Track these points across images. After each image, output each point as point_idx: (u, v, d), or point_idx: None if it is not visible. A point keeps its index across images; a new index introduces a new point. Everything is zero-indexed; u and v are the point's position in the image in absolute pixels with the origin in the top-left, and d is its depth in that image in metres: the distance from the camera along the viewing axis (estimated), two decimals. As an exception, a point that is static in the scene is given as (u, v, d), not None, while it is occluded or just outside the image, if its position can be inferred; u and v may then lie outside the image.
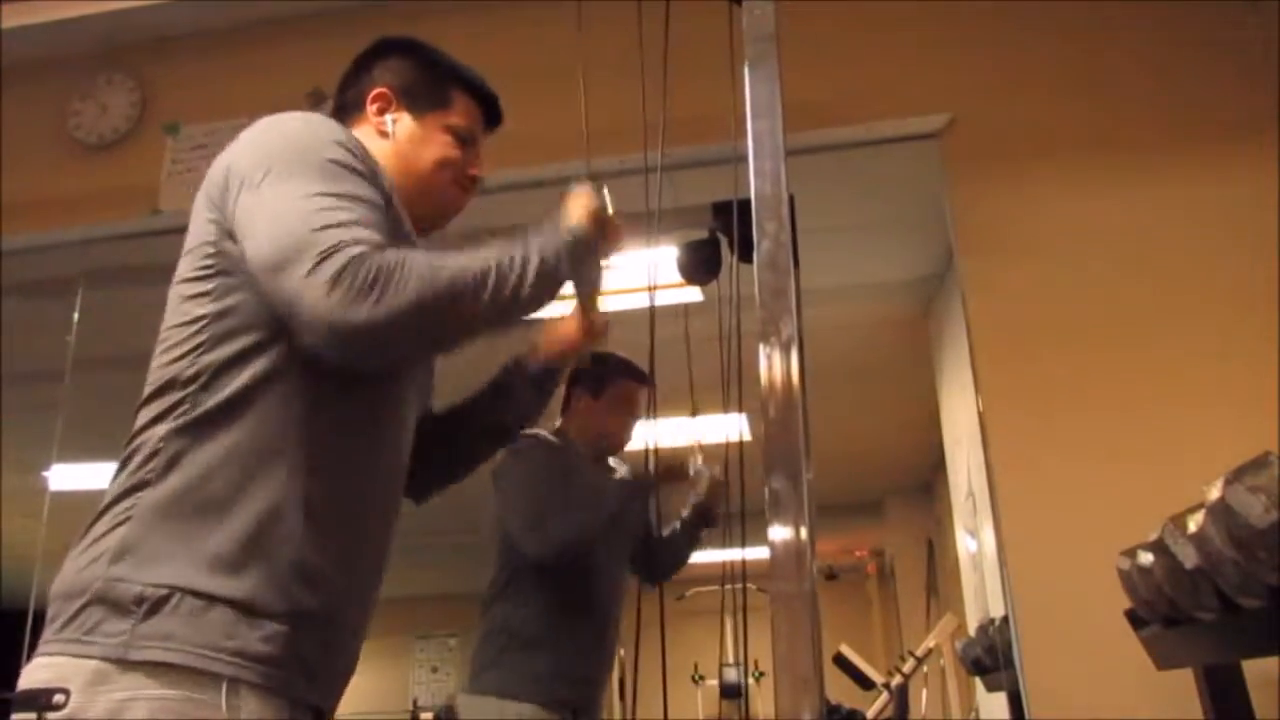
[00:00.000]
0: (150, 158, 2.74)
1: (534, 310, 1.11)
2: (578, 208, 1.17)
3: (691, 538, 2.38)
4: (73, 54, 2.89)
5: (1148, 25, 2.36)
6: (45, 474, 2.85)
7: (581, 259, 1.16)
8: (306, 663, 1.01)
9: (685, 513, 2.38)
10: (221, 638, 0.94)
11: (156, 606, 0.94)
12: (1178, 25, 2.35)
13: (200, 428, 1.02)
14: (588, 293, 1.28)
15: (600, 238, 1.19)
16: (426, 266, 1.00)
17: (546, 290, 1.11)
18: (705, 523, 2.37)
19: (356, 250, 0.97)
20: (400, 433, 1.18)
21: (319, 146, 1.07)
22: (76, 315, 2.79)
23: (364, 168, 1.09)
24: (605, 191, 1.20)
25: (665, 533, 2.38)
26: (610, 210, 1.20)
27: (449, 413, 1.37)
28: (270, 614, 0.98)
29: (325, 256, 0.96)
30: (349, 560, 1.07)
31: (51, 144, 2.86)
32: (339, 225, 0.99)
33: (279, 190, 1.03)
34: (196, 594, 0.95)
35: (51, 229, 2.78)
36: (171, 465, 1.01)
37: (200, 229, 1.10)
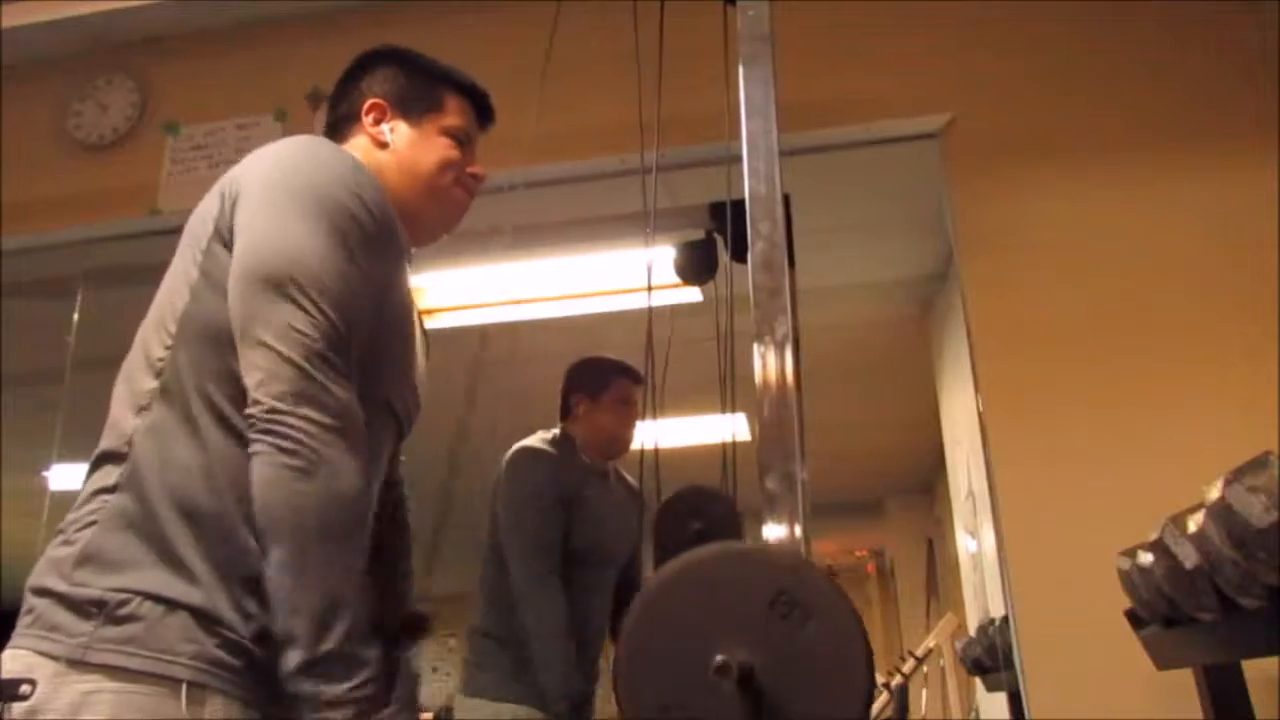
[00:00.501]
0: (150, 158, 2.74)
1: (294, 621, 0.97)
2: None
3: None
4: (73, 54, 2.90)
5: (1148, 25, 2.36)
6: (45, 474, 2.86)
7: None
8: (268, 672, 0.99)
9: None
10: (181, 642, 0.95)
11: (116, 610, 0.95)
12: (1178, 25, 2.34)
13: (168, 433, 1.02)
14: None
15: None
16: (360, 483, 0.98)
17: (304, 659, 0.94)
18: None
19: (344, 379, 0.99)
20: (370, 457, 1.14)
21: (345, 193, 1.07)
22: (76, 315, 2.79)
23: (375, 225, 1.09)
24: None
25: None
26: None
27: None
28: (229, 624, 0.98)
29: (320, 334, 0.98)
30: None
31: (51, 144, 2.86)
32: (344, 320, 1.00)
33: (294, 214, 1.04)
34: (157, 599, 0.96)
35: (51, 229, 2.78)
36: (138, 472, 1.01)
37: (201, 224, 1.11)
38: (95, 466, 1.05)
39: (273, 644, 0.98)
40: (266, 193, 1.06)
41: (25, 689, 0.92)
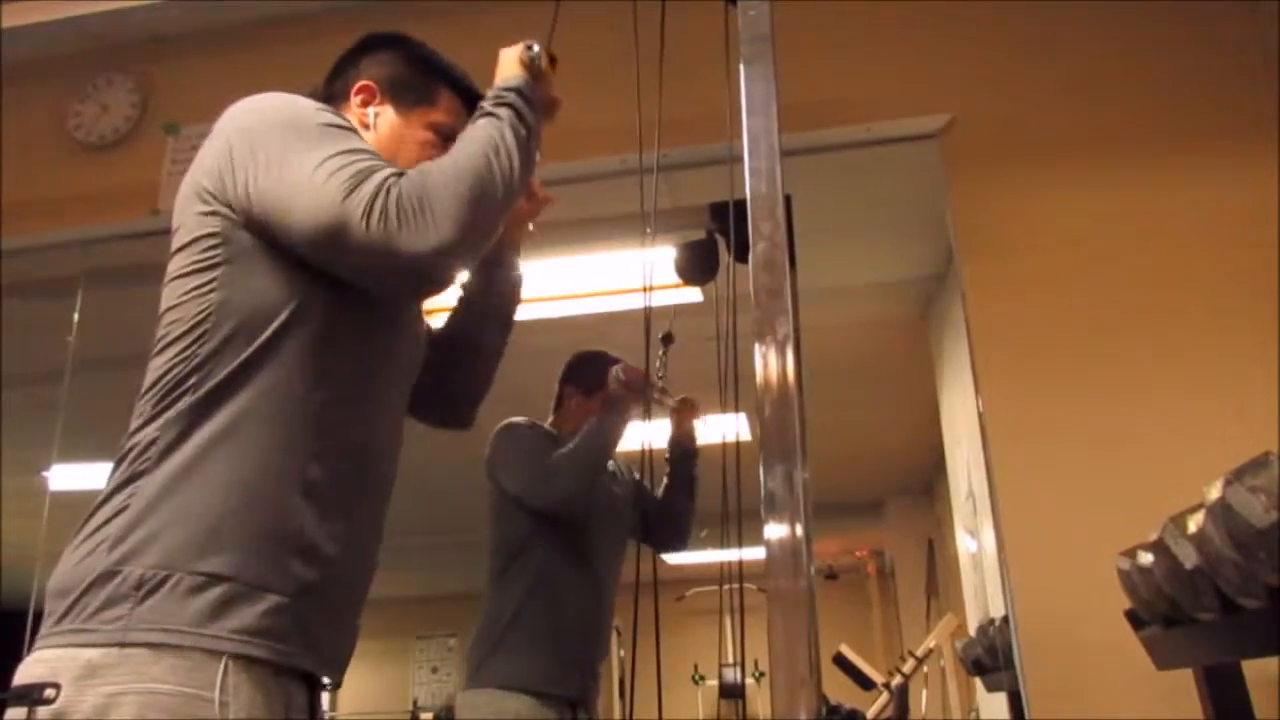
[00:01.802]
0: (150, 158, 2.75)
1: (529, 172, 1.19)
2: (510, 62, 1.24)
3: (685, 481, 2.36)
4: (73, 54, 2.90)
5: (1148, 25, 2.36)
6: (45, 474, 2.85)
7: (534, 107, 1.22)
8: (309, 634, 1.02)
9: (666, 454, 2.38)
10: (220, 615, 0.96)
11: (155, 589, 0.95)
12: (1178, 25, 2.34)
13: (196, 412, 1.03)
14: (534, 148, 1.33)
15: (537, 82, 1.24)
16: (450, 177, 1.07)
17: (532, 148, 1.19)
18: (687, 454, 2.36)
19: (394, 185, 1.03)
20: (396, 408, 1.21)
21: (309, 114, 1.12)
22: (76, 315, 2.79)
23: (350, 127, 1.14)
24: (534, 45, 1.26)
25: (660, 495, 2.38)
26: (538, 53, 1.26)
27: (446, 329, 1.43)
28: (270, 588, 0.99)
29: (372, 204, 1.01)
30: (347, 533, 1.09)
31: (51, 144, 2.87)
32: (366, 174, 1.03)
33: (295, 165, 1.05)
34: (194, 574, 0.96)
35: (51, 229, 2.78)
36: (168, 451, 1.02)
37: (194, 223, 1.11)
38: (122, 459, 1.05)
39: (318, 594, 1.03)
40: (258, 162, 1.07)
41: (49, 693, 0.91)
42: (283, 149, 1.07)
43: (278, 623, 0.99)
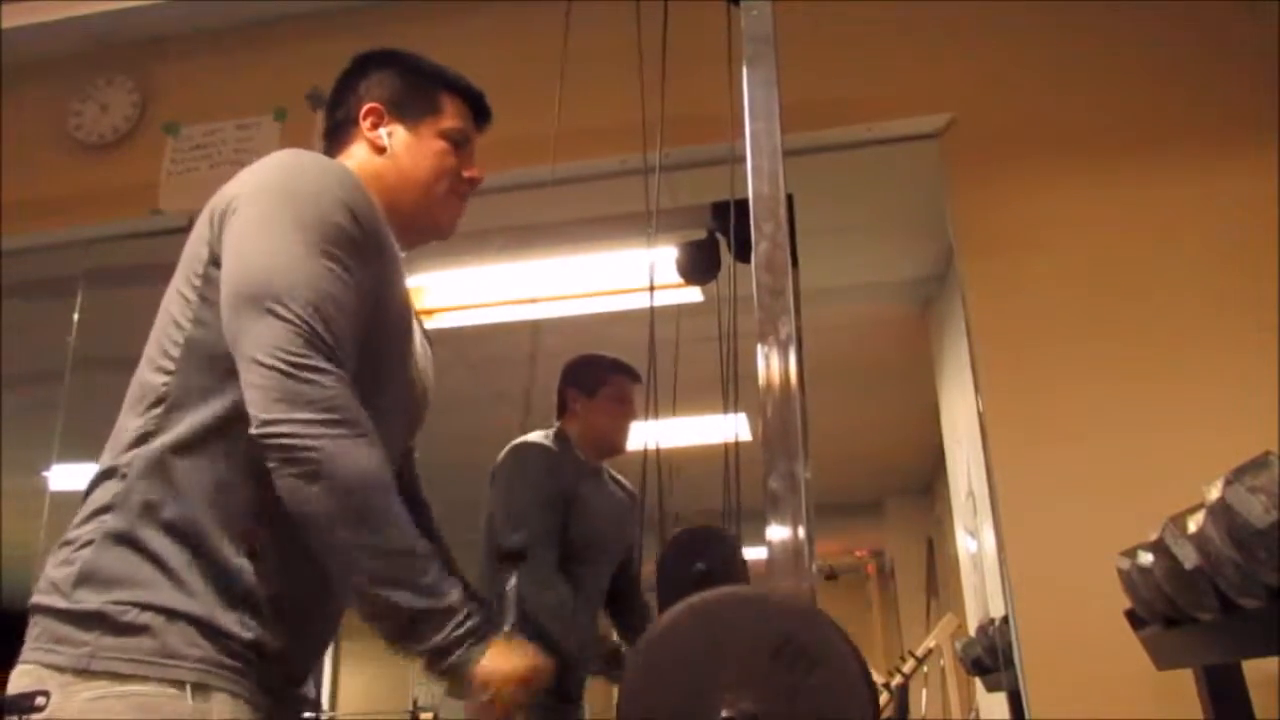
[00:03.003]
0: (150, 158, 2.74)
1: (379, 619, 0.99)
2: (496, 669, 1.00)
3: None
4: (73, 54, 2.89)
5: (1148, 25, 2.36)
6: (45, 474, 2.85)
7: (436, 673, 1.01)
8: (273, 662, 1.03)
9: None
10: (184, 646, 0.97)
11: (118, 620, 0.96)
12: (1178, 25, 2.34)
13: (167, 455, 1.03)
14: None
15: (471, 694, 1.01)
16: (376, 460, 0.99)
17: (394, 625, 0.98)
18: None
19: (334, 372, 0.99)
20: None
21: (330, 203, 1.07)
22: (76, 315, 2.79)
23: (363, 234, 1.09)
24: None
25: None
26: (513, 696, 1.01)
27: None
28: (229, 633, 1.00)
29: (304, 341, 0.98)
30: (312, 592, 1.08)
31: (51, 144, 2.86)
32: (329, 329, 1.00)
33: (276, 230, 1.04)
34: (157, 609, 0.97)
35: (51, 229, 2.78)
36: (133, 492, 1.02)
37: (196, 247, 1.11)
38: (95, 484, 1.06)
39: (271, 655, 1.02)
40: (250, 209, 1.07)
41: (40, 700, 0.93)
42: (280, 214, 1.05)
43: (237, 659, 0.99)
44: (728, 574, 1.82)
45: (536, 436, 2.28)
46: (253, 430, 0.98)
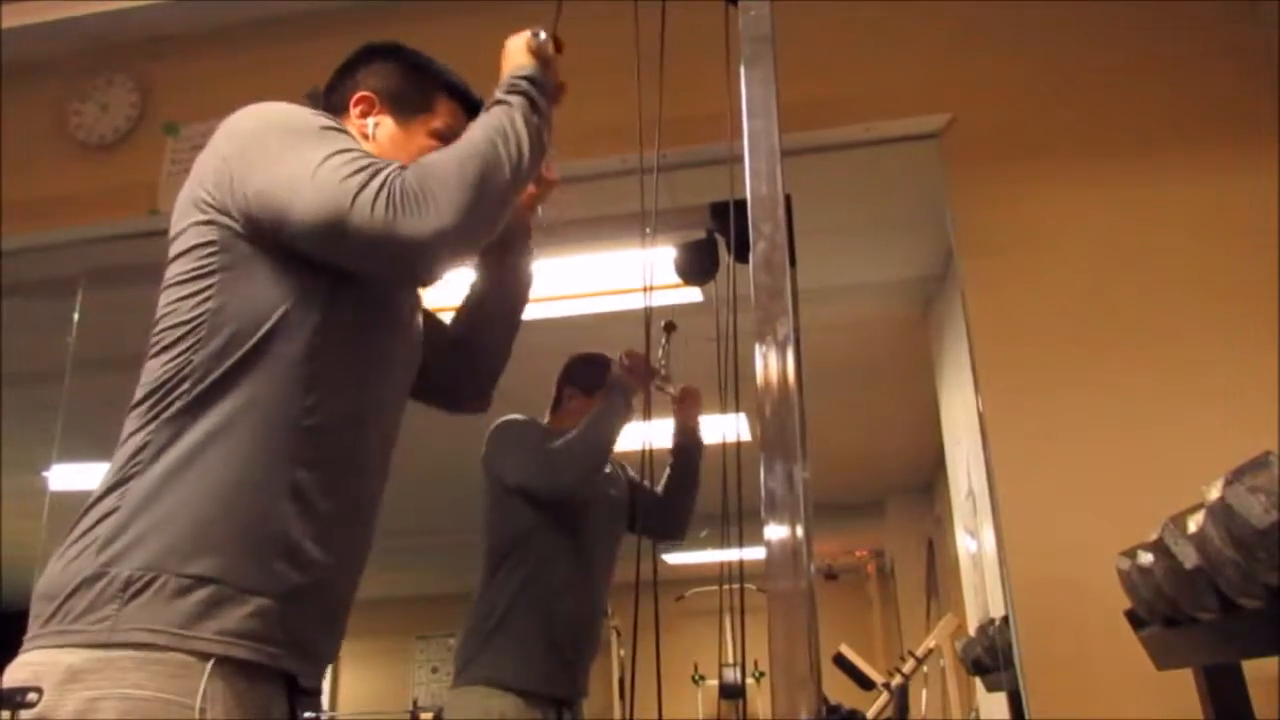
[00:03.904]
0: (150, 158, 2.74)
1: (540, 159, 1.20)
2: (519, 50, 1.26)
3: (687, 474, 2.35)
4: (73, 54, 2.89)
5: (1148, 25, 2.36)
6: (45, 474, 2.86)
7: (546, 93, 1.23)
8: (294, 636, 1.03)
9: (670, 448, 2.37)
10: (206, 617, 0.96)
11: (141, 590, 0.96)
12: (1178, 25, 2.34)
13: (188, 415, 1.04)
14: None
15: (546, 68, 1.25)
16: (453, 163, 1.08)
17: (541, 136, 1.19)
18: (690, 449, 2.35)
19: (395, 176, 1.04)
20: (389, 413, 1.21)
21: (307, 117, 1.12)
22: (76, 315, 2.79)
23: (348, 132, 1.15)
24: (541, 32, 1.27)
25: (662, 486, 2.37)
26: (545, 40, 1.27)
27: (463, 310, 1.45)
28: (255, 590, 1.00)
29: (375, 192, 1.02)
30: (336, 537, 1.09)
31: (51, 144, 2.86)
32: (366, 167, 1.04)
33: (295, 161, 1.06)
34: (181, 575, 0.97)
35: (51, 229, 2.78)
36: (159, 454, 1.02)
37: (192, 231, 1.11)
38: (114, 463, 1.05)
39: (303, 597, 1.03)
40: (258, 166, 1.08)
41: (31, 697, 0.92)
42: (281, 148, 1.08)
43: (262, 625, 0.99)
44: None
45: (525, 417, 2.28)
46: (364, 230, 1.01)
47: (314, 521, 1.06)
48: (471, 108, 1.32)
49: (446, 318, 1.46)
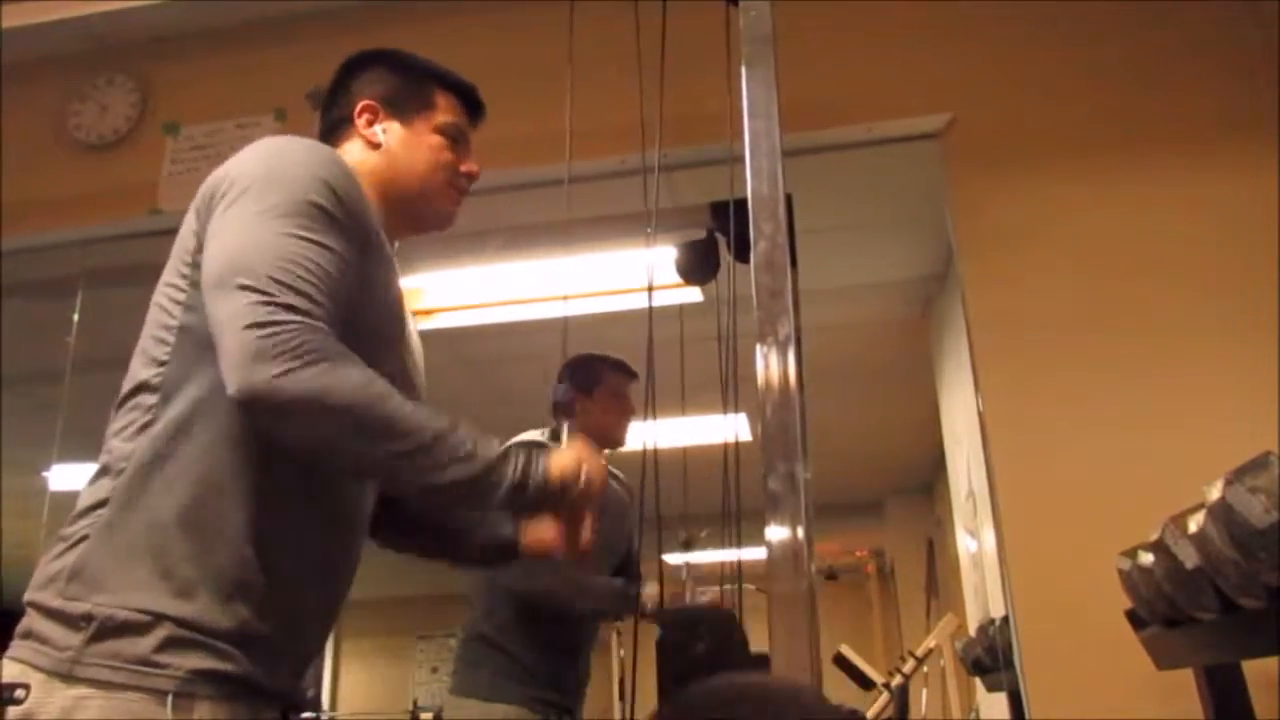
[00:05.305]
0: (150, 158, 2.74)
1: (450, 501, 1.10)
2: (565, 464, 1.08)
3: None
4: (73, 54, 2.89)
5: (1147, 25, 2.36)
6: (45, 474, 2.86)
7: (527, 507, 1.09)
8: (256, 676, 1.02)
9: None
10: (166, 655, 0.96)
11: (104, 624, 0.96)
12: (1178, 25, 2.34)
13: (158, 446, 1.03)
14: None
15: (565, 501, 1.08)
16: (358, 378, 0.99)
17: (463, 498, 1.06)
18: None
19: (298, 320, 0.97)
20: None
21: (308, 182, 1.07)
22: (76, 315, 2.79)
23: (344, 213, 1.09)
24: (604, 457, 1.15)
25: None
26: (594, 478, 1.07)
27: (428, 522, 1.34)
28: (218, 634, 0.99)
29: (268, 304, 0.97)
30: (303, 584, 1.08)
31: (51, 144, 2.86)
32: (294, 287, 0.99)
33: (252, 213, 1.04)
34: (143, 612, 0.97)
35: (51, 229, 2.78)
36: (130, 486, 1.02)
37: (185, 238, 1.12)
38: (93, 480, 1.06)
39: (262, 646, 1.01)
40: (232, 196, 1.07)
41: (20, 693, 0.93)
42: (258, 197, 1.05)
43: (226, 666, 0.99)
44: (731, 654, 1.78)
45: (532, 435, 2.28)
46: (232, 395, 0.96)
47: (282, 568, 1.04)
48: (468, 97, 1.32)
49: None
